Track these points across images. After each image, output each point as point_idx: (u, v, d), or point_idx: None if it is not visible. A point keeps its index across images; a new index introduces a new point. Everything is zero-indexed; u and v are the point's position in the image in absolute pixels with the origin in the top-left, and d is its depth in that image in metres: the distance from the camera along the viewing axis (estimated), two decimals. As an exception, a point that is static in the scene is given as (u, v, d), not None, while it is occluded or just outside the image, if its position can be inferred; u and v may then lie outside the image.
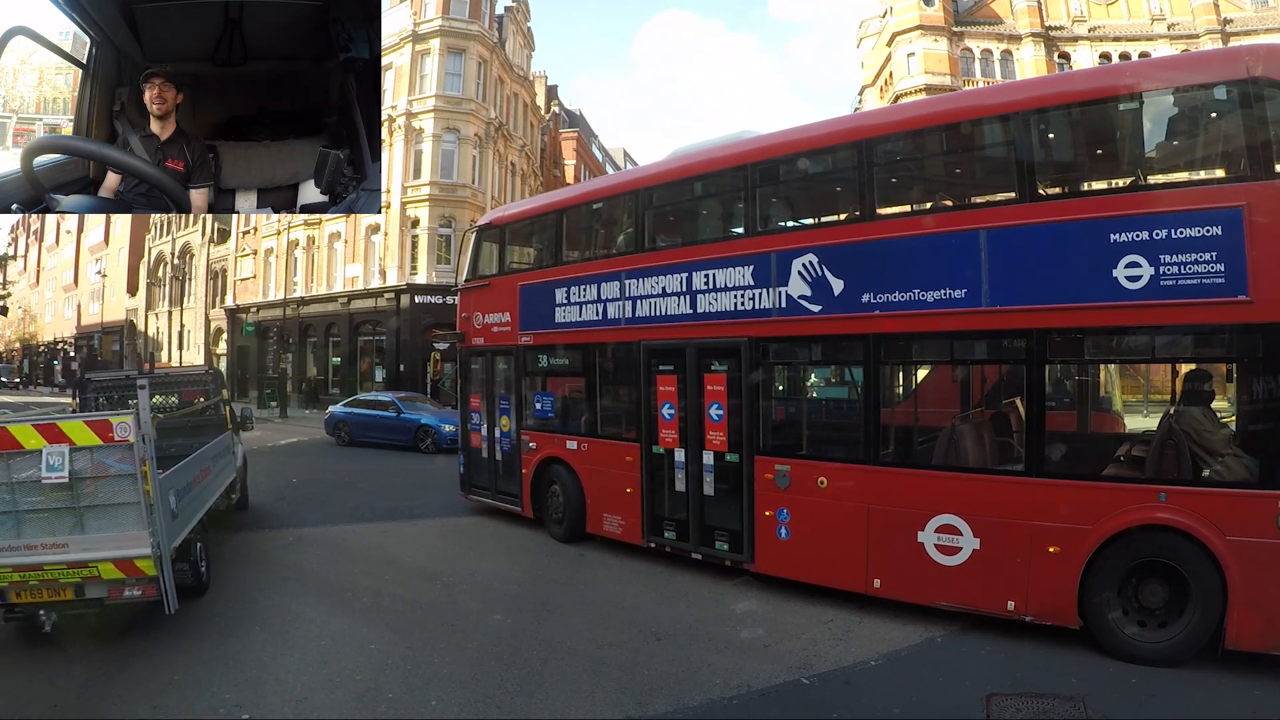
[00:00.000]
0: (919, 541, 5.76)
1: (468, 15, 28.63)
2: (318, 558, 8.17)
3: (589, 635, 5.72)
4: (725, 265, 6.93)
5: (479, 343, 9.71)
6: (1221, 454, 5.02)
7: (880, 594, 6.04)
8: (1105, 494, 5.20)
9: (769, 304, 6.62)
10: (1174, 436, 5.17)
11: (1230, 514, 4.76)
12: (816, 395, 7.26)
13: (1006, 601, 5.45)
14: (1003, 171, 6.00)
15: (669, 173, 7.93)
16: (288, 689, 4.83)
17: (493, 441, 9.66)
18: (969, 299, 5.61)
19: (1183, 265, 4.85)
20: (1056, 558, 5.23)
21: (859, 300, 6.12)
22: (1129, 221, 5.04)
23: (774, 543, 6.67)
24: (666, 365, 7.45)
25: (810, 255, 6.38)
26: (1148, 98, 5.42)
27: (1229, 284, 4.74)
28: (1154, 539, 4.99)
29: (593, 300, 8.11)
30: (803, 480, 6.45)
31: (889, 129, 6.55)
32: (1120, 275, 5.03)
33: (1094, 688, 4.61)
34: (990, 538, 5.51)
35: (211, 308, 38.90)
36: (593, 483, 8.29)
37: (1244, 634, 4.71)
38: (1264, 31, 31.50)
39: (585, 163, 48.35)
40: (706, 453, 7.11)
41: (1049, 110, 5.68)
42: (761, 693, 4.72)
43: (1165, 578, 5.01)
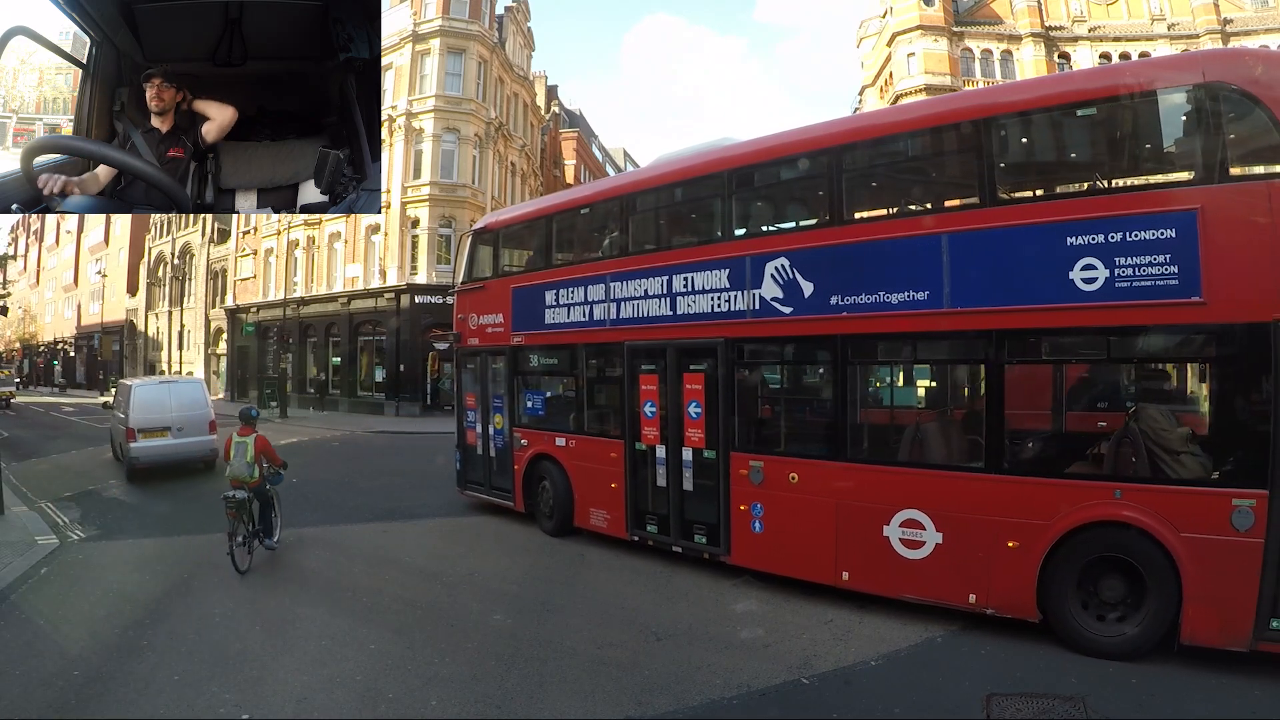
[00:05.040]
0: (884, 536, 5.93)
1: (468, 15, 28.60)
2: (318, 558, 8.19)
3: (589, 635, 5.72)
4: (703, 268, 7.17)
5: (474, 343, 10.01)
6: (1178, 453, 5.06)
7: (848, 586, 6.21)
8: (1062, 491, 5.31)
9: (744, 306, 6.84)
10: (1130, 435, 5.24)
11: (1185, 511, 4.84)
12: (788, 394, 7.40)
13: (969, 594, 5.60)
14: (963, 177, 6.16)
15: (651, 179, 8.27)
16: (288, 689, 4.84)
17: (487, 439, 9.94)
18: (931, 301, 5.77)
19: (1137, 267, 4.96)
20: (1016, 552, 5.35)
21: (828, 302, 6.31)
22: (1085, 225, 5.15)
23: (749, 536, 6.88)
24: (648, 365, 7.71)
25: (782, 259, 6.58)
26: (1104, 104, 5.56)
27: (1182, 285, 4.83)
28: (1110, 535, 5.10)
29: (580, 302, 8.40)
30: (775, 476, 6.66)
31: (856, 136, 6.72)
32: (1076, 277, 5.14)
33: (1094, 688, 4.60)
34: (952, 532, 5.66)
35: (211, 308, 38.89)
36: (580, 478, 8.55)
37: (1199, 629, 4.79)
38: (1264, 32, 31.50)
39: (585, 163, 48.33)
40: (686, 449, 7.34)
41: (1007, 117, 5.81)
42: (761, 692, 4.72)
43: (1123, 573, 5.10)
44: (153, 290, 44.38)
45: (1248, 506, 4.59)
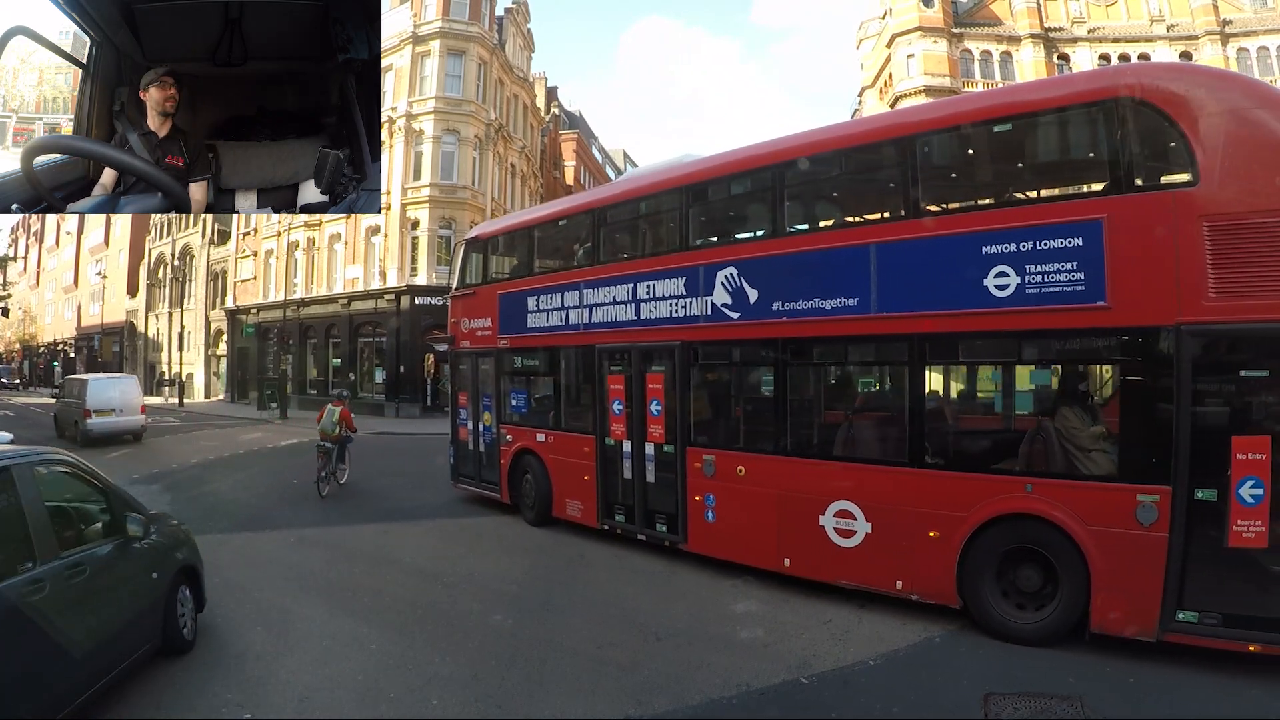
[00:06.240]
0: (820, 525, 6.35)
1: (468, 17, 28.64)
2: (319, 558, 8.20)
3: (589, 635, 5.73)
4: (663, 277, 7.73)
5: (466, 345, 10.75)
6: (1089, 450, 5.28)
7: (790, 572, 6.65)
8: (977, 485, 5.61)
9: (698, 311, 7.37)
10: (1044, 432, 5.49)
11: (1091, 505, 5.09)
12: (737, 393, 7.80)
13: (895, 581, 5.98)
14: (889, 191, 6.53)
15: (619, 194, 8.99)
16: (289, 689, 4.84)
17: (477, 435, 10.67)
18: (860, 306, 6.16)
19: (1046, 274, 5.22)
20: (937, 542, 5.69)
21: (770, 308, 6.77)
22: (998, 235, 5.44)
23: (703, 525, 7.41)
24: (616, 366, 8.32)
25: (731, 268, 7.08)
26: (1018, 120, 5.83)
27: (1089, 291, 5.07)
28: (1022, 527, 5.37)
29: (557, 308, 9.06)
30: (725, 469, 7.18)
31: (793, 154, 7.02)
32: (990, 284, 5.44)
33: (1092, 687, 4.61)
34: (880, 522, 6.05)
35: (211, 309, 38.88)
36: (558, 471, 9.17)
37: (1107, 619, 5.03)
38: (1264, 32, 31.55)
39: (585, 164, 48.33)
40: (648, 444, 7.93)
41: (927, 135, 6.14)
42: (761, 692, 4.73)
43: (1039, 564, 5.35)
44: (153, 291, 44.37)
45: (1151, 502, 4.82)
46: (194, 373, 39.89)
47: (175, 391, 36.30)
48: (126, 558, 4.75)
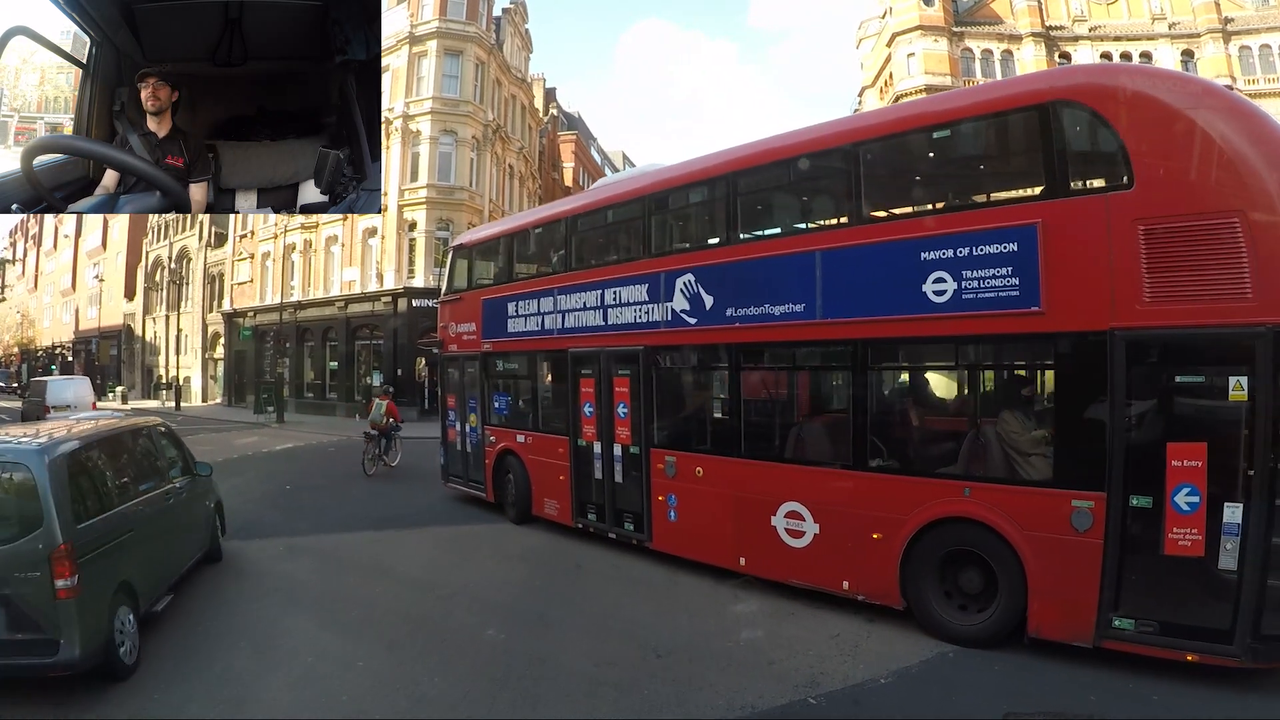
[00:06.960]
0: (772, 525, 6.51)
1: (465, 17, 28.47)
2: (309, 568, 7.97)
3: (586, 652, 5.51)
4: (627, 283, 7.96)
5: (453, 349, 11.08)
6: (1028, 454, 5.27)
7: (745, 571, 6.87)
8: (916, 488, 5.65)
9: (659, 317, 7.57)
10: (983, 436, 5.51)
11: (1028, 510, 5.10)
12: (695, 396, 7.98)
13: (842, 581, 6.10)
14: (836, 197, 6.66)
15: (589, 204, 9.17)
16: (270, 710, 4.65)
17: (464, 436, 11.00)
18: (806, 312, 6.26)
19: (982, 280, 5.24)
20: (880, 543, 5.78)
21: (724, 313, 6.92)
22: (936, 240, 5.47)
23: (666, 524, 7.62)
24: (587, 370, 8.53)
25: (689, 275, 7.25)
26: (959, 124, 5.79)
27: (1023, 296, 5.06)
28: (960, 530, 5.42)
29: (534, 313, 9.32)
30: (685, 470, 7.39)
31: (741, 164, 7.07)
32: (928, 290, 5.48)
33: (1114, 704, 4.45)
34: (827, 523, 6.19)
35: (209, 312, 38.71)
36: (536, 471, 9.46)
37: (1044, 623, 5.06)
38: (1264, 30, 31.43)
39: (584, 165, 48.16)
40: (616, 445, 8.17)
41: (868, 143, 6.18)
42: (766, 714, 4.51)
43: (982, 567, 5.37)
44: (150, 294, 44.21)
45: (1086, 508, 4.80)
46: (191, 376, 39.70)
47: (172, 395, 36.11)
48: (196, 487, 7.43)
